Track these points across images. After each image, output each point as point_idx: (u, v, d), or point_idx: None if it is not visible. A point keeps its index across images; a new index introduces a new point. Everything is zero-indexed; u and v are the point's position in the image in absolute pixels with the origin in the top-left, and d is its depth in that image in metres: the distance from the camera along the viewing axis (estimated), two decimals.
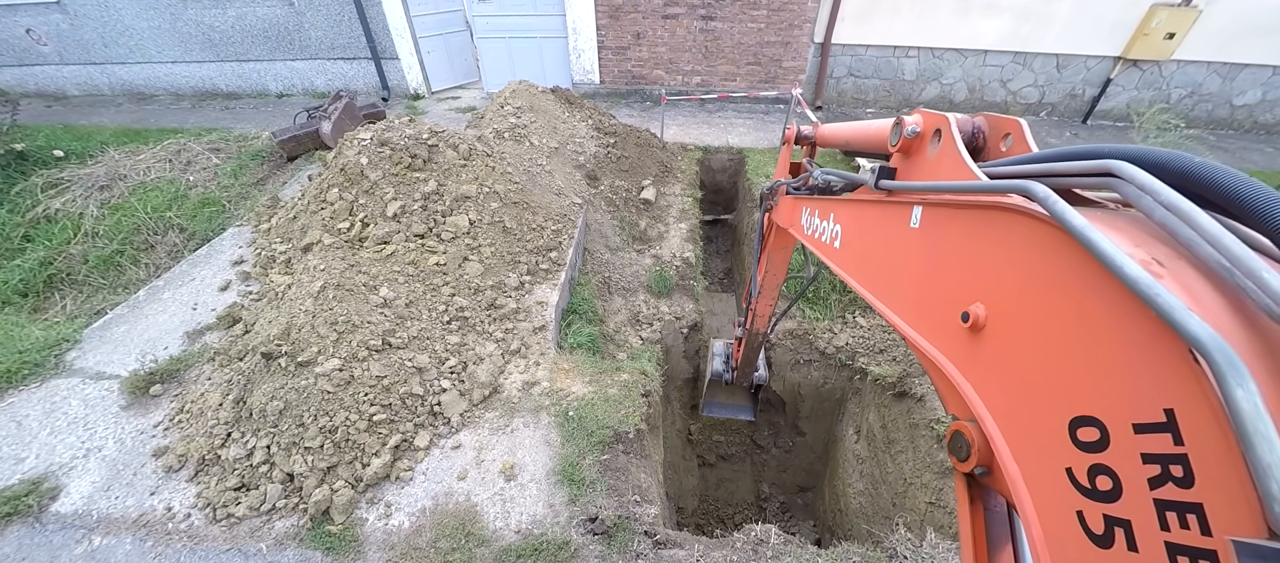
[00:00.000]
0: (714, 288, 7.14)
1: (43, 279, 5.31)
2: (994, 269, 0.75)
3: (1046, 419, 0.62)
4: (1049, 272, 0.64)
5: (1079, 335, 0.59)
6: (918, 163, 1.08)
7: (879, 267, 1.12)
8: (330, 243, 3.92)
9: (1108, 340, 0.56)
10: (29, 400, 3.31)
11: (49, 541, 2.60)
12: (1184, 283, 0.52)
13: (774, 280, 2.80)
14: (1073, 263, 0.60)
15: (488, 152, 4.55)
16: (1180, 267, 0.54)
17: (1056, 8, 7.63)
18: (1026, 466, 0.65)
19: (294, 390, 2.84)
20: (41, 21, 9.00)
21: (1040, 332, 0.65)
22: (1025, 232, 0.69)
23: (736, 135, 7.71)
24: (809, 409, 5.29)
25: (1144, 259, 0.54)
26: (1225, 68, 7.88)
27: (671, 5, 8.00)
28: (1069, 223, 0.58)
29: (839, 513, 4.73)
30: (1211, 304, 0.50)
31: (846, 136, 1.60)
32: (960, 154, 0.92)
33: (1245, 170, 7.03)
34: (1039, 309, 0.66)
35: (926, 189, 0.94)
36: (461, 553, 2.54)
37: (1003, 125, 0.99)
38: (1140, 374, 0.52)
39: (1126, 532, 0.52)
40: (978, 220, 0.80)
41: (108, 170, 6.22)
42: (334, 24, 8.63)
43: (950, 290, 0.84)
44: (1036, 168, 0.77)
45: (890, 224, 1.08)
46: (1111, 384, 0.55)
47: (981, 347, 0.75)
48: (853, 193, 1.34)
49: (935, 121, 1.03)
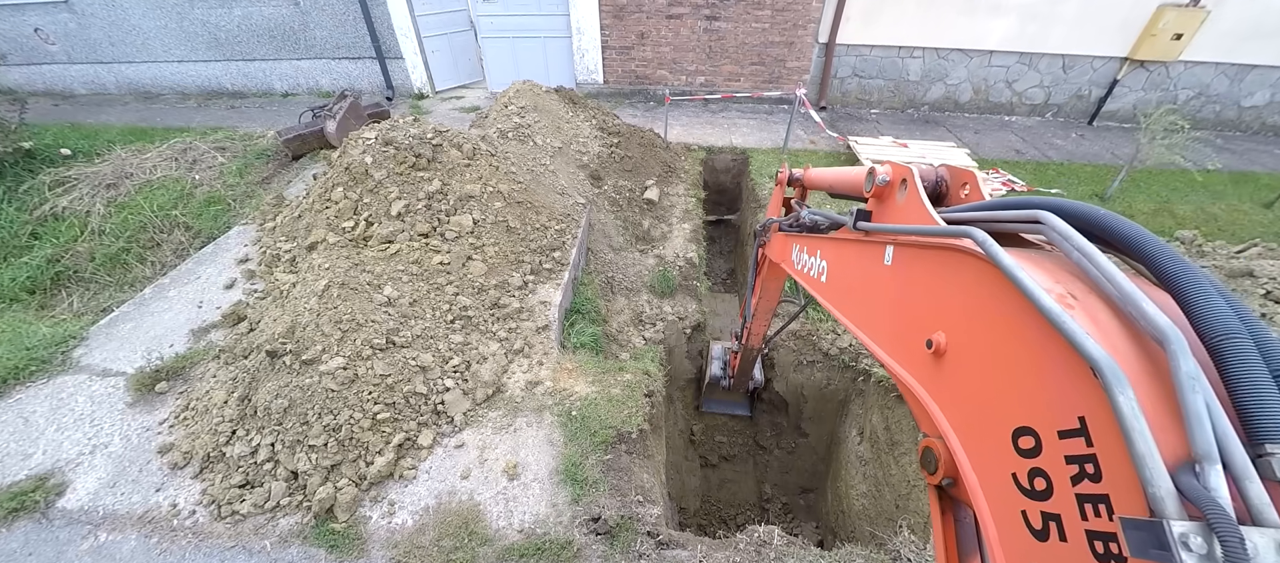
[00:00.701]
0: (717, 288, 7.13)
1: (50, 277, 5.35)
2: (950, 302, 0.86)
3: (995, 431, 0.71)
4: (991, 304, 0.75)
5: (1015, 357, 0.70)
6: (889, 207, 1.21)
7: (859, 299, 1.23)
8: (335, 242, 3.93)
9: (1035, 361, 0.66)
10: (36, 397, 3.33)
11: (55, 536, 2.62)
12: (1091, 312, 0.63)
13: (767, 306, 2.97)
14: (1007, 297, 0.71)
15: (492, 151, 4.56)
16: (1090, 299, 0.65)
17: (1063, 8, 7.58)
18: (982, 474, 0.74)
19: (298, 389, 2.85)
20: (49, 21, 9.07)
21: (987, 355, 0.76)
22: (973, 270, 0.80)
23: (740, 136, 7.70)
24: (812, 410, 5.27)
25: (1060, 294, 0.66)
26: (1233, 69, 7.83)
27: (675, 5, 7.99)
28: (1001, 263, 0.70)
29: (842, 515, 4.71)
30: (1110, 329, 0.61)
31: (830, 181, 1.78)
32: (922, 201, 1.05)
33: (1254, 173, 6.99)
34: (985, 336, 0.77)
35: (895, 231, 1.07)
36: (464, 552, 2.54)
37: (961, 176, 1.14)
38: (1060, 389, 0.62)
39: (1058, 525, 0.60)
40: (936, 260, 0.92)
41: (114, 169, 6.26)
42: (339, 24, 8.67)
43: (917, 320, 0.95)
44: (984, 215, 0.89)
45: (867, 261, 1.20)
46: (1040, 398, 0.65)
47: (943, 370, 0.85)
48: (836, 232, 1.45)
49: (902, 172, 1.16)
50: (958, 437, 0.79)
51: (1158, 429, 0.51)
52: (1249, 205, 6.24)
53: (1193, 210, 6.11)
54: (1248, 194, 6.47)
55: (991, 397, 0.74)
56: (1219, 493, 0.46)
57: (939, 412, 0.84)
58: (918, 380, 0.91)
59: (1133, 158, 6.01)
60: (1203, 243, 4.36)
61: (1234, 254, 4.11)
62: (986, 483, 0.72)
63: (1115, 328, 0.61)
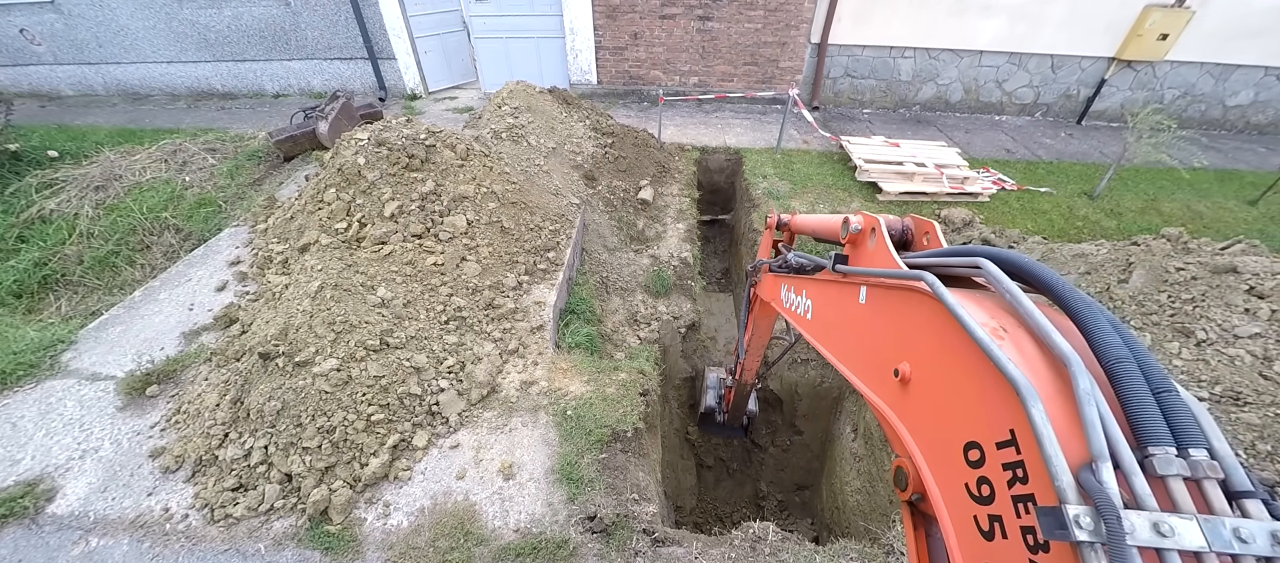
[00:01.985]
0: (712, 288, 7.16)
1: (37, 280, 5.28)
2: (912, 335, 0.97)
3: (950, 447, 0.81)
4: (941, 337, 0.86)
5: (961, 382, 0.80)
6: (862, 252, 1.35)
7: (839, 335, 1.34)
8: (328, 243, 3.92)
9: (976, 384, 0.76)
10: (24, 402, 3.29)
11: (45, 542, 2.59)
12: (1018, 342, 0.75)
13: (759, 342, 3.07)
14: (953, 330, 0.81)
15: (485, 152, 4.56)
16: (1018, 332, 0.77)
17: (1051, 8, 7.67)
18: (942, 486, 0.83)
19: (292, 391, 2.84)
20: (36, 21, 8.95)
21: (941, 381, 0.87)
22: (927, 308, 0.91)
23: (734, 136, 7.73)
24: (806, 408, 5.30)
25: (993, 327, 0.78)
26: (1218, 69, 7.95)
27: (668, 6, 8.01)
28: (946, 302, 0.82)
29: (837, 511, 4.74)
30: (1032, 356, 0.73)
31: (813, 227, 1.93)
32: (888, 248, 1.20)
33: (1239, 171, 7.10)
34: (939, 364, 0.88)
35: (866, 273, 1.20)
36: (460, 552, 2.54)
37: (923, 226, 1.29)
38: (995, 407, 0.72)
39: (1000, 525, 0.69)
40: (900, 299, 1.04)
41: (103, 171, 6.19)
42: (330, 24, 8.61)
43: (886, 352, 1.05)
44: (937, 261, 1.03)
45: (845, 300, 1.31)
46: (982, 415, 0.75)
47: (909, 396, 0.95)
48: (818, 274, 1.56)
49: (871, 222, 1.32)
50: (922, 454, 0.88)
51: (1064, 436, 0.62)
52: (1234, 203, 6.34)
53: (1179, 208, 6.20)
54: (1232, 192, 6.58)
55: (946, 417, 0.84)
56: (1108, 485, 0.56)
57: (906, 433, 0.93)
58: (888, 406, 1.00)
59: (1120, 156, 6.10)
60: (1188, 240, 4.43)
61: (1218, 251, 4.18)
62: (946, 494, 0.81)
63: (1036, 355, 0.73)
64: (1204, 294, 3.60)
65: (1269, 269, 3.63)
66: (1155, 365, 0.69)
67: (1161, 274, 3.82)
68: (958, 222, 5.75)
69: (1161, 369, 0.68)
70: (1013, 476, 0.67)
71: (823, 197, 6.15)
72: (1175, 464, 0.60)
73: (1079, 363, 0.66)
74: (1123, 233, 5.66)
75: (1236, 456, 0.63)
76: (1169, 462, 0.60)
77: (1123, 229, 5.77)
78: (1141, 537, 0.53)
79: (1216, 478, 0.60)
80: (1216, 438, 0.63)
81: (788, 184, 6.37)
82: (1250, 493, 0.58)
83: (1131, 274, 3.92)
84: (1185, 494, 0.59)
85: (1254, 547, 0.53)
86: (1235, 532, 0.54)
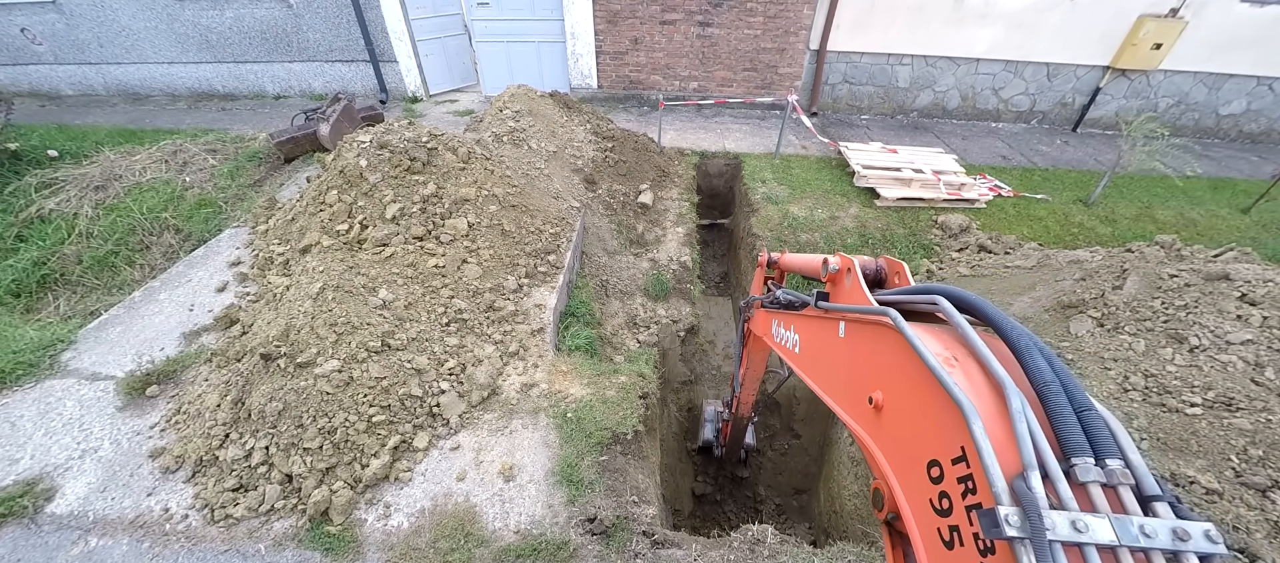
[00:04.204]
0: (711, 292, 7.19)
1: (36, 280, 5.27)
2: (882, 365, 1.05)
3: (916, 466, 0.88)
4: (905, 365, 0.94)
5: (922, 405, 0.88)
6: (840, 290, 1.46)
7: (823, 367, 1.43)
8: (329, 244, 3.93)
9: (933, 407, 0.84)
10: (23, 402, 3.29)
11: (44, 542, 2.59)
12: (967, 370, 0.84)
13: (754, 375, 3.16)
14: (914, 360, 0.89)
15: (486, 155, 4.58)
16: (967, 360, 0.86)
17: (1048, 18, 7.76)
18: (911, 503, 0.90)
19: (293, 391, 2.85)
20: (37, 21, 8.96)
21: (906, 405, 0.95)
22: (893, 340, 0.99)
23: (733, 141, 7.78)
24: (804, 412, 5.33)
25: (945, 357, 0.86)
26: (1211, 78, 8.04)
27: (669, 11, 8.07)
28: (906, 334, 0.91)
29: (834, 514, 4.76)
30: (978, 381, 0.82)
31: (799, 265, 2.06)
32: (861, 286, 1.31)
33: (1232, 179, 7.18)
34: (904, 390, 0.95)
35: (843, 309, 1.30)
36: (460, 553, 2.55)
37: (895, 266, 1.41)
38: (949, 427, 0.79)
39: (958, 534, 0.76)
40: (871, 333, 1.13)
41: (103, 171, 6.19)
42: (332, 26, 8.64)
43: (862, 381, 1.13)
44: (903, 298, 1.14)
45: (827, 334, 1.40)
46: (939, 435, 0.82)
47: (882, 421, 1.02)
48: (804, 309, 1.66)
49: (847, 263, 1.42)
50: (893, 474, 0.96)
51: (1001, 449, 0.71)
52: (1227, 211, 6.41)
53: (1173, 215, 6.26)
54: (1225, 199, 6.65)
55: (912, 438, 0.91)
56: (1035, 490, 0.65)
57: (880, 455, 1.01)
58: (865, 431, 1.08)
59: (1115, 164, 6.16)
60: (1182, 247, 4.47)
61: (1211, 258, 4.22)
62: (914, 509, 0.89)
63: (981, 380, 0.82)
64: (1197, 301, 3.65)
65: (1261, 276, 3.67)
66: (1077, 386, 0.79)
67: (1155, 281, 3.86)
68: (954, 227, 5.79)
69: (1082, 390, 0.79)
70: (965, 488, 0.75)
71: (821, 202, 6.19)
72: (1093, 472, 0.69)
73: (1012, 385, 0.76)
74: (1117, 239, 5.71)
75: (1146, 464, 0.71)
76: (1088, 470, 0.69)
77: (1117, 236, 5.82)
78: (1061, 532, 0.61)
79: (1129, 484, 0.69)
80: (1130, 450, 0.72)
81: (786, 189, 6.41)
82: (1159, 497, 0.67)
83: (1126, 281, 3.96)
84: (1102, 498, 0.68)
85: (1157, 541, 0.62)
86: (1141, 528, 0.63)
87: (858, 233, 5.77)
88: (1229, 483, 2.76)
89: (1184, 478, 2.77)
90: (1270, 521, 2.57)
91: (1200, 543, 0.62)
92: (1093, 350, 3.63)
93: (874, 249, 5.61)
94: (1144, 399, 3.26)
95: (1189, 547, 0.61)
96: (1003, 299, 4.46)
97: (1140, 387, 3.32)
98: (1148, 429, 3.09)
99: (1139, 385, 3.32)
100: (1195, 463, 2.88)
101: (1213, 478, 2.75)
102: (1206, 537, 0.62)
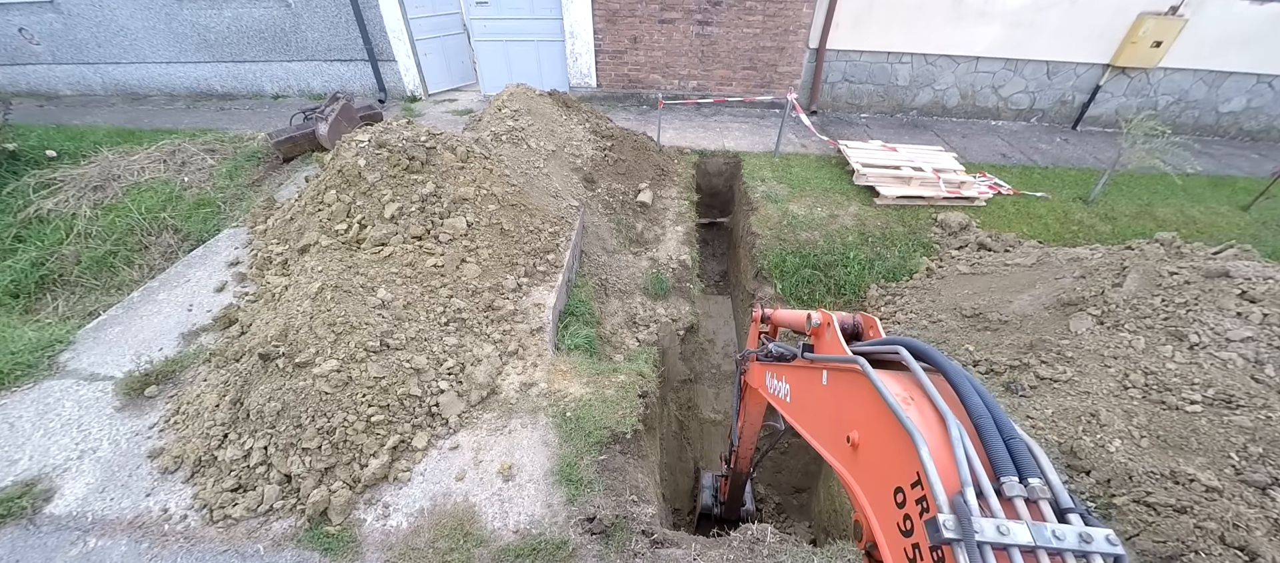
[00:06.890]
0: (710, 290, 7.18)
1: (35, 280, 5.27)
2: (856, 407, 1.19)
3: (885, 495, 1.00)
4: (872, 406, 1.08)
5: (887, 440, 1.02)
6: (822, 342, 1.63)
7: (811, 414, 1.55)
8: (328, 244, 3.93)
9: (895, 440, 0.97)
10: (22, 402, 3.29)
11: (43, 542, 2.59)
12: (920, 408, 1.00)
13: (752, 429, 3.21)
14: (879, 401, 1.03)
15: (485, 154, 4.57)
16: (921, 401, 1.02)
17: (1047, 15, 7.74)
18: (883, 529, 1.01)
19: (292, 391, 2.84)
20: (35, 21, 8.94)
21: (875, 441, 1.08)
22: (864, 385, 1.12)
23: (732, 139, 7.77)
24: None
25: (904, 397, 1.02)
26: (1211, 76, 8.03)
27: (668, 10, 8.05)
28: (872, 379, 1.07)
29: (833, 514, 4.75)
30: (929, 417, 0.97)
31: (789, 320, 2.23)
32: (838, 338, 1.51)
33: (1232, 177, 7.17)
34: (873, 428, 1.09)
35: (824, 359, 1.48)
36: (460, 553, 2.55)
37: (869, 321, 1.58)
38: (906, 457, 0.92)
39: (918, 551, 0.87)
40: (848, 379, 1.26)
41: (101, 171, 6.18)
42: (330, 26, 8.63)
43: (842, 423, 1.25)
44: (872, 349, 1.30)
45: (812, 383, 1.53)
46: (899, 465, 0.95)
47: (859, 459, 1.15)
48: (793, 361, 1.80)
49: (827, 318, 1.60)
50: (869, 504, 1.07)
51: (944, 471, 0.85)
52: (1227, 208, 6.41)
53: (1173, 213, 6.26)
54: (1225, 197, 6.64)
55: (881, 469, 1.04)
56: (970, 502, 0.78)
57: (858, 489, 1.12)
58: (845, 469, 1.20)
59: (1115, 162, 6.15)
60: (1181, 244, 4.47)
61: (1211, 255, 4.22)
62: (885, 534, 1.01)
63: (931, 415, 0.97)
64: (1197, 298, 3.64)
65: (1260, 274, 3.67)
66: (1005, 418, 0.95)
67: (1155, 278, 3.86)
68: (954, 225, 5.79)
69: (1009, 421, 0.94)
70: (922, 508, 0.87)
71: (820, 200, 6.19)
72: (1017, 488, 0.83)
73: (953, 418, 0.92)
74: (1117, 237, 5.71)
75: (1063, 481, 0.86)
76: (1013, 487, 0.83)
77: (1117, 234, 5.82)
78: (988, 535, 0.74)
79: (1047, 498, 0.83)
80: (1048, 470, 0.86)
81: (786, 188, 6.40)
82: (1073, 509, 0.81)
83: (1126, 278, 3.96)
84: (1024, 509, 0.82)
85: (1066, 543, 0.75)
86: (1053, 533, 0.76)
87: (857, 231, 5.76)
88: (1229, 481, 2.75)
89: (1184, 476, 2.76)
90: (1270, 518, 2.57)
91: (1101, 545, 0.74)
92: (1093, 348, 3.62)
93: (874, 248, 5.61)
94: (1144, 396, 3.26)
95: (1093, 548, 0.74)
96: (1003, 297, 4.45)
97: (1140, 384, 3.32)
98: (1147, 427, 3.08)
99: (1139, 383, 3.32)
100: (1195, 460, 2.88)
101: (1213, 476, 2.75)
102: (1107, 541, 0.75)
